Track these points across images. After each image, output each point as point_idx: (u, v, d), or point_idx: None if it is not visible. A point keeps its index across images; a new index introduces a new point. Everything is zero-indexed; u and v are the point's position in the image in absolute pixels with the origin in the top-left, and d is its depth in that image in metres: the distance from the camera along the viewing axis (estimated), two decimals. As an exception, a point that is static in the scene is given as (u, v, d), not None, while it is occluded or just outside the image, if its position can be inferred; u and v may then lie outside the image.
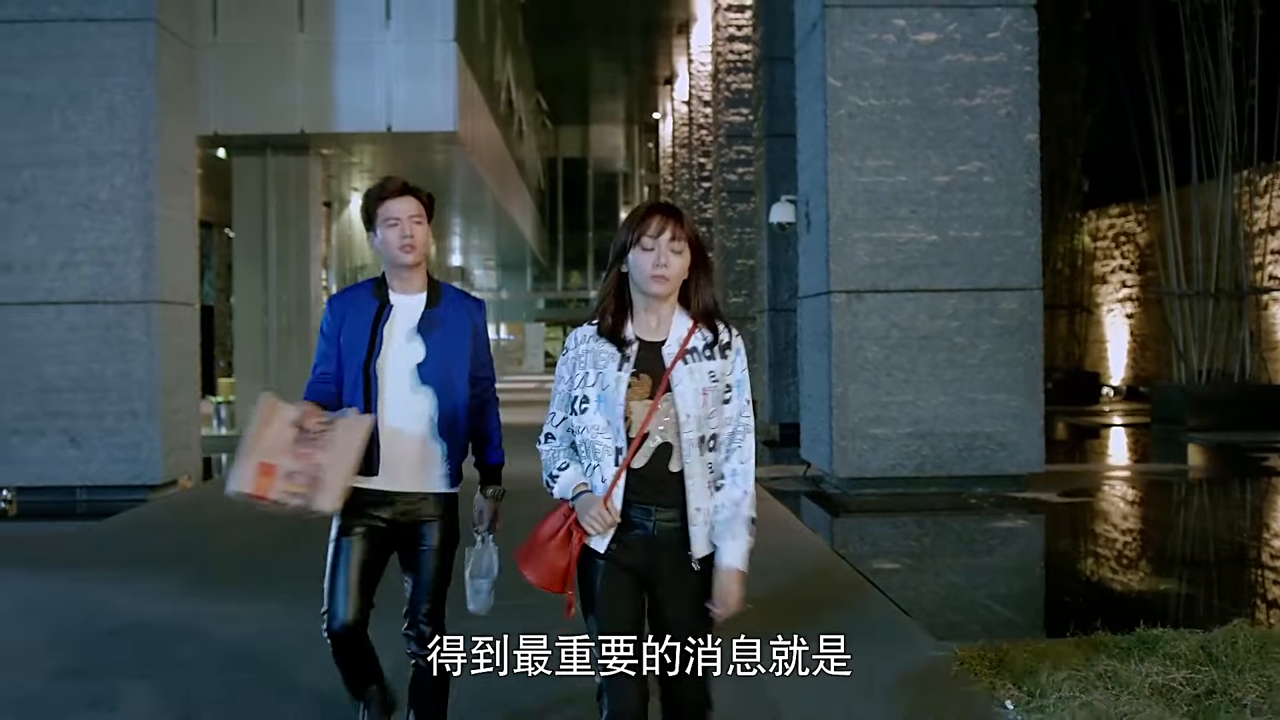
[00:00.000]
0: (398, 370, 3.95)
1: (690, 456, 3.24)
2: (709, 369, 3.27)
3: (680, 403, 3.23)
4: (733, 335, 3.36)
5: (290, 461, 3.75)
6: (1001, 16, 11.92)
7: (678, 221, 3.26)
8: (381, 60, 17.67)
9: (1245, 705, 4.53)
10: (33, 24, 11.97)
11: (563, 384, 3.39)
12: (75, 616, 6.94)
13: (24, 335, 11.97)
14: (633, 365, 3.27)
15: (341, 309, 4.04)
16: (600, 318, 3.35)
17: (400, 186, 4.02)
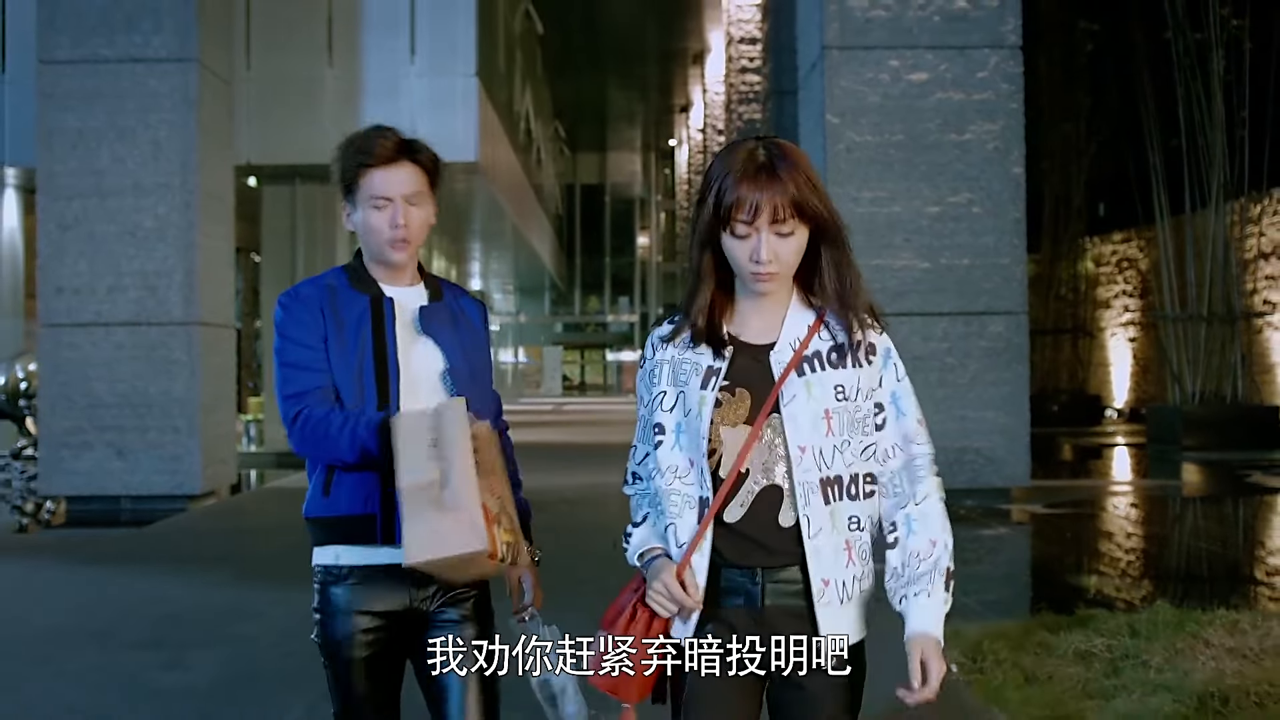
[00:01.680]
0: (422, 381, 2.83)
1: (810, 506, 2.27)
2: (836, 381, 2.32)
3: (791, 429, 2.28)
4: (878, 333, 2.40)
5: (493, 500, 2.64)
6: (989, 57, 12.70)
7: (781, 188, 2.24)
8: (406, 94, 18.52)
9: (1150, 665, 5.31)
10: (85, 65, 12.84)
11: (642, 407, 2.46)
12: (138, 603, 7.82)
13: (74, 354, 12.81)
14: (724, 378, 2.33)
15: (314, 303, 2.84)
16: (687, 314, 2.40)
17: (394, 149, 2.83)
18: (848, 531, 2.31)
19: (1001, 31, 12.63)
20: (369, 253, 2.91)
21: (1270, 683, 5.05)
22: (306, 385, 2.80)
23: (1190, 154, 19.99)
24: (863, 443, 2.34)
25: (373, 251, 2.90)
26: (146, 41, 12.85)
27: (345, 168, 2.86)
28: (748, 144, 2.33)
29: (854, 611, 2.32)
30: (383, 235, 2.84)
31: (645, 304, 61.69)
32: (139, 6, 12.82)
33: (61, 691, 5.75)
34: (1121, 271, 28.29)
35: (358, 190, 2.85)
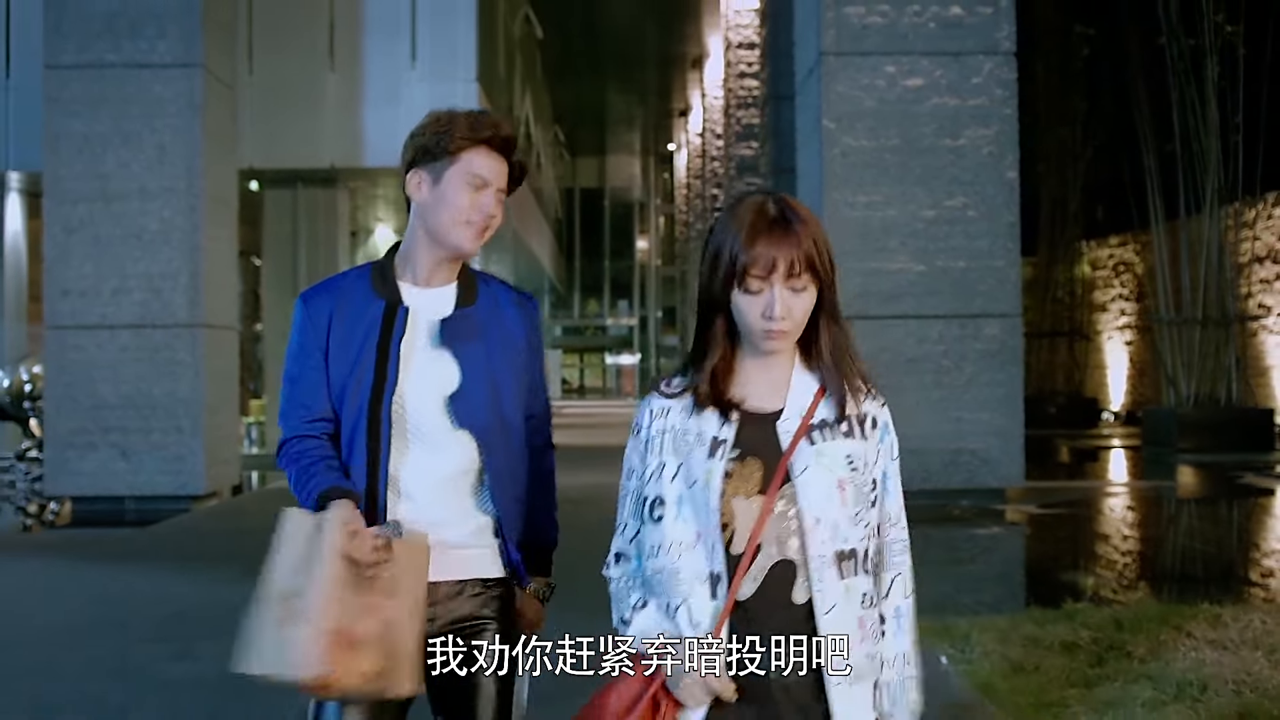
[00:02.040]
0: (421, 405, 2.61)
1: (824, 581, 2.17)
2: (847, 451, 2.23)
3: (806, 499, 2.17)
4: (877, 403, 2.31)
5: (359, 621, 2.39)
6: (984, 64, 12.86)
7: (796, 242, 2.18)
8: (407, 99, 18.69)
9: (1134, 656, 5.47)
10: (91, 70, 13.00)
11: (633, 479, 2.32)
12: (146, 599, 7.98)
13: (80, 356, 12.96)
14: (732, 446, 2.21)
15: (325, 309, 2.65)
16: (692, 377, 2.29)
17: (508, 139, 2.70)
18: (860, 608, 2.20)
19: (996, 38, 12.79)
20: (434, 230, 2.64)
21: (1248, 672, 5.22)
22: (294, 403, 2.65)
23: (1185, 159, 20.14)
24: (866, 516, 2.23)
25: (439, 230, 2.64)
26: (151, 47, 13.01)
27: (446, 134, 2.61)
28: (754, 199, 2.25)
29: (867, 691, 2.21)
30: (463, 214, 2.61)
31: (644, 307, 61.87)
32: (144, 13, 12.98)
33: (73, 682, 5.92)
34: (1118, 275, 28.47)
35: (452, 163, 2.61)
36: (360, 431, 2.58)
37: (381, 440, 2.57)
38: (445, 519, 2.61)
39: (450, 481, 2.62)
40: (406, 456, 2.60)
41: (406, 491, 2.60)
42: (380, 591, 2.42)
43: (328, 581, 2.36)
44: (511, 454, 2.69)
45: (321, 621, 2.33)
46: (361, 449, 2.59)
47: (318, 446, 2.63)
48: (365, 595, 2.40)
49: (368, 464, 2.58)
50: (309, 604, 2.34)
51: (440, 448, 2.61)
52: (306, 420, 2.64)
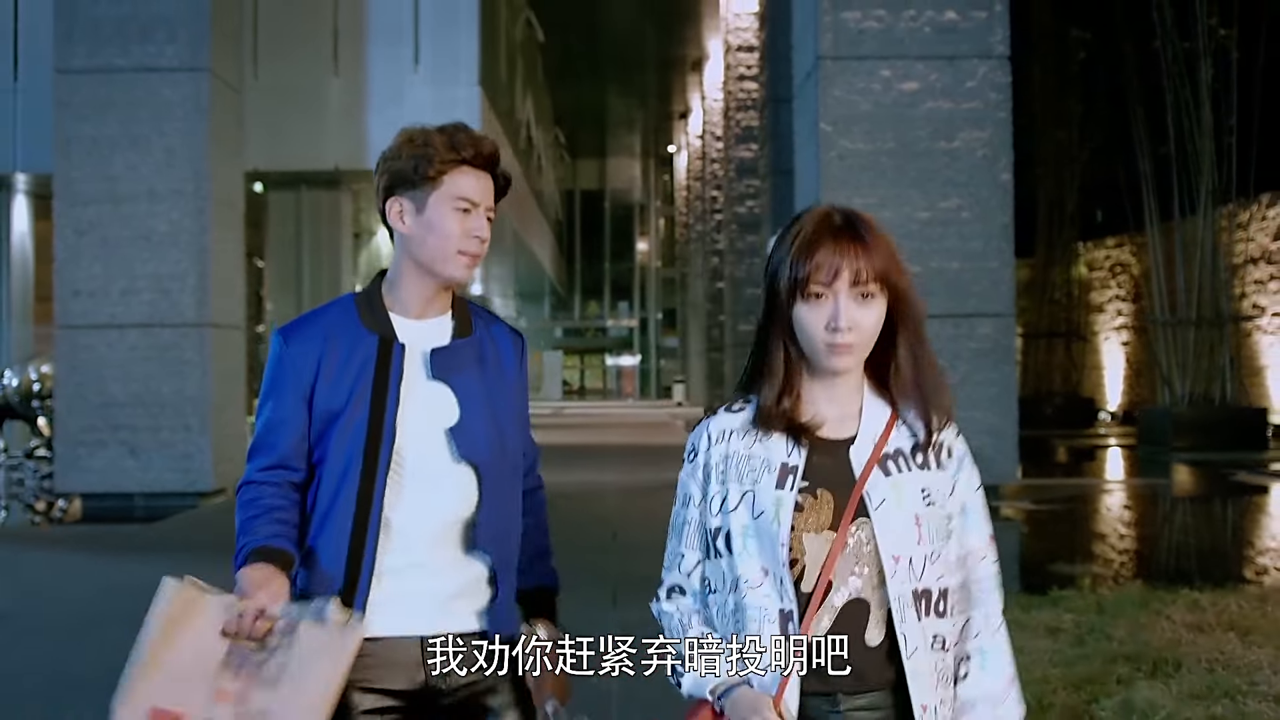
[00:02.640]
0: (420, 440, 2.45)
1: (906, 622, 2.03)
2: (923, 484, 2.08)
3: (883, 534, 2.04)
4: (952, 432, 2.17)
5: (211, 706, 2.14)
6: (978, 68, 13.08)
7: (863, 249, 2.05)
8: (410, 102, 18.91)
9: (1113, 638, 5.70)
10: (100, 74, 13.23)
11: (691, 508, 2.17)
12: None
13: (89, 355, 13.19)
14: (801, 477, 2.06)
15: (313, 349, 2.45)
16: (758, 398, 2.13)
17: (492, 154, 2.50)
18: (938, 650, 2.06)
19: (990, 42, 13.01)
20: (425, 262, 2.47)
21: (1221, 651, 5.46)
22: (260, 445, 2.48)
23: (1180, 161, 20.37)
24: (943, 553, 2.07)
25: (430, 261, 2.46)
26: (160, 51, 13.24)
27: (424, 158, 2.42)
28: (818, 208, 2.11)
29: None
30: (454, 243, 2.43)
31: (644, 309, 62.11)
32: (153, 18, 13.21)
33: (99, 661, 6.12)
34: (1114, 276, 28.69)
35: (435, 187, 2.43)
36: (352, 474, 2.39)
37: (377, 482, 2.38)
38: (441, 565, 2.42)
39: (448, 522, 2.43)
40: (401, 498, 2.40)
41: (400, 535, 2.40)
42: (258, 680, 2.14)
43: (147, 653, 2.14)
44: (510, 492, 2.52)
45: (130, 696, 2.12)
46: (351, 492, 2.38)
47: (271, 495, 2.44)
48: (233, 680, 2.13)
49: (357, 507, 2.38)
50: (129, 675, 2.14)
51: (438, 485, 2.43)
52: (267, 466, 2.45)
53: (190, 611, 2.17)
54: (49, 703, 5.53)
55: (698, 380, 39.98)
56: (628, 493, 13.42)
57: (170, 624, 2.15)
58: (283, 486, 2.45)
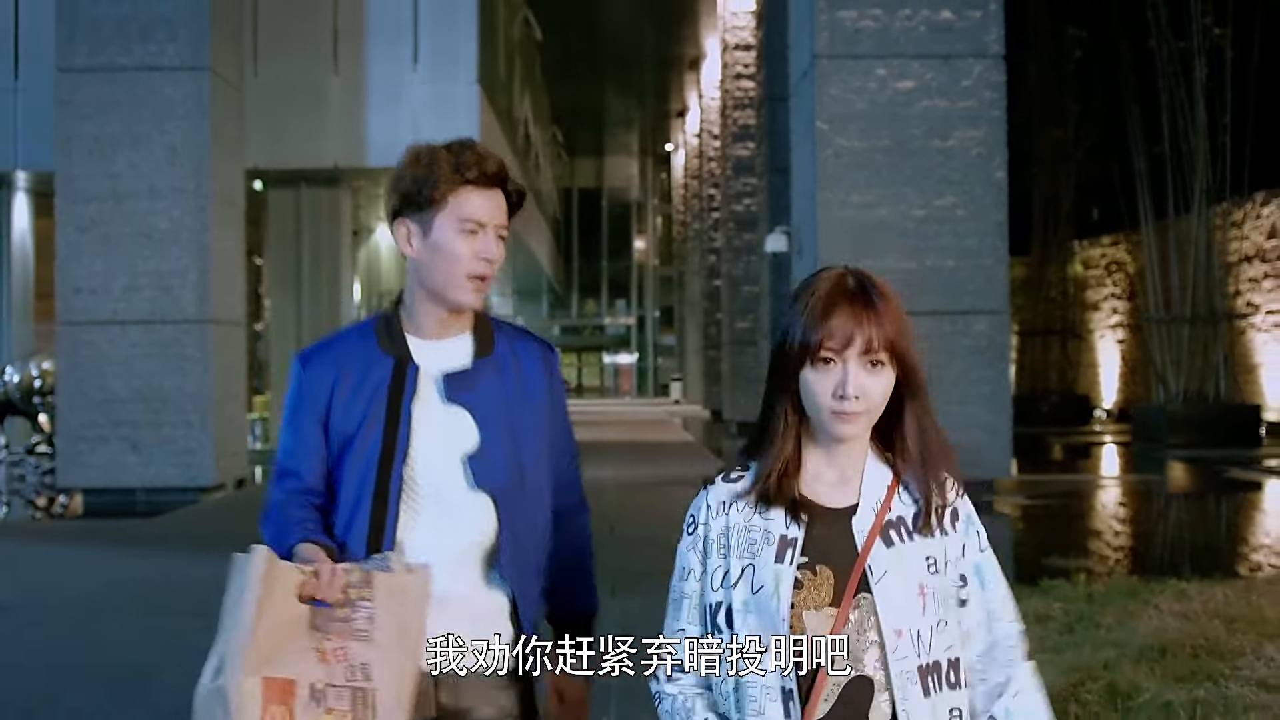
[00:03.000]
0: (436, 466, 2.39)
1: (908, 699, 1.96)
2: (926, 553, 2.03)
3: (885, 609, 1.98)
4: (959, 495, 2.10)
5: (316, 668, 2.18)
6: (973, 67, 13.19)
7: (876, 318, 2.01)
8: (409, 101, 19.03)
9: (1101, 626, 5.82)
10: (102, 73, 13.34)
11: (691, 581, 2.11)
12: (169, 577, 8.42)
13: (91, 352, 13.31)
14: (800, 551, 2.01)
15: (328, 373, 2.43)
16: (758, 467, 2.08)
17: (499, 171, 2.42)
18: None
19: (985, 41, 13.12)
20: (433, 287, 2.40)
21: (1205, 637, 5.58)
22: (284, 471, 2.46)
23: (1174, 159, 20.49)
24: (951, 621, 2.01)
25: (438, 286, 2.40)
26: (161, 50, 13.36)
27: (428, 180, 2.35)
28: (831, 271, 2.07)
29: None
30: (464, 266, 2.36)
31: (642, 307, 62.25)
32: (154, 17, 13.33)
33: (109, 650, 6.31)
34: (1110, 274, 28.82)
35: (440, 208, 2.36)
36: (365, 498, 2.34)
37: (389, 507, 2.33)
38: (458, 594, 2.33)
39: (464, 552, 2.36)
40: (417, 524, 2.35)
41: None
42: (352, 634, 2.16)
43: (246, 627, 2.12)
44: (532, 519, 2.43)
45: (239, 673, 2.10)
46: (364, 518, 2.34)
47: (300, 509, 2.42)
48: (326, 639, 2.16)
49: (370, 535, 2.33)
50: (230, 652, 2.13)
51: (455, 512, 2.36)
52: (295, 490, 2.43)
53: (272, 580, 2.16)
54: (50, 692, 5.65)
55: (695, 378, 40.11)
56: (625, 488, 13.53)
57: (262, 595, 2.14)
58: (308, 508, 2.42)
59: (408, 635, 2.19)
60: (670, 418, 33.35)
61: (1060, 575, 7.49)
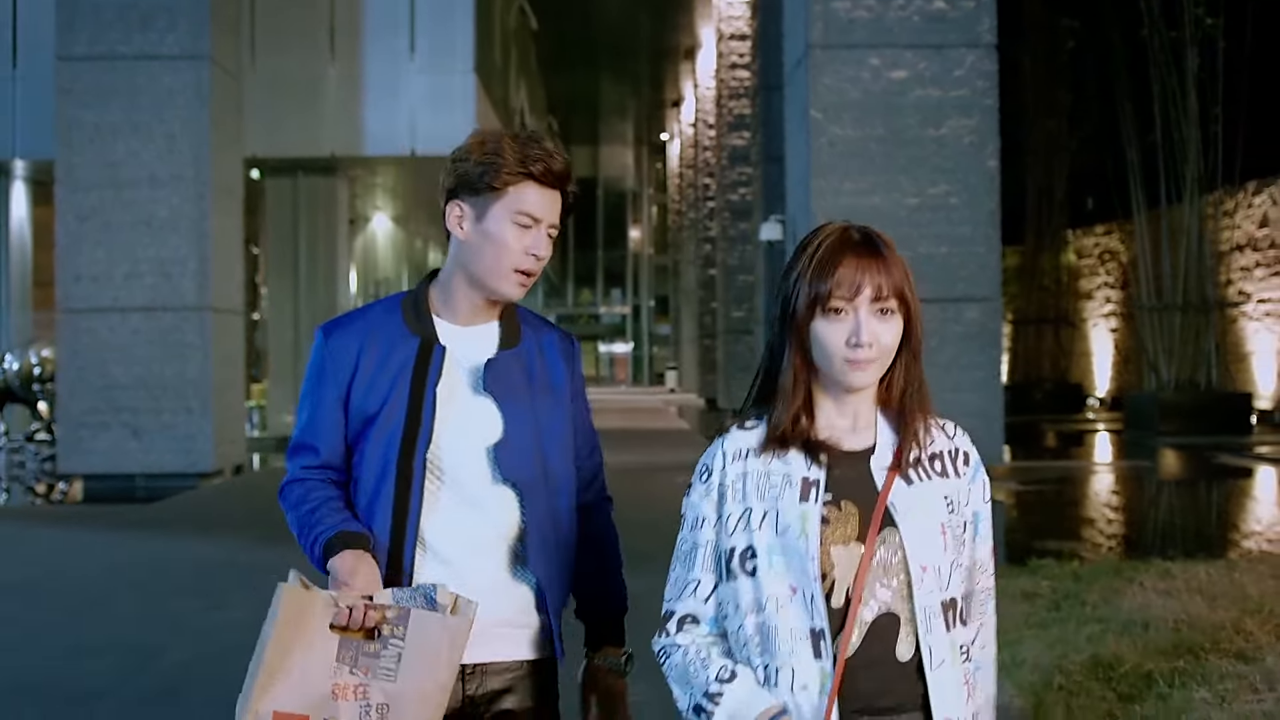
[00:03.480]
0: (461, 454, 2.36)
1: (933, 634, 2.00)
2: (944, 492, 2.06)
3: (912, 545, 2.00)
4: (967, 439, 2.15)
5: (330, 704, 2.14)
6: (965, 56, 13.31)
7: (884, 267, 2.03)
8: (406, 90, 19.13)
9: (1087, 603, 5.97)
10: (102, 61, 13.45)
11: (705, 529, 2.08)
12: (172, 559, 8.64)
13: (92, 339, 13.43)
14: (824, 489, 2.02)
15: (352, 346, 2.40)
16: (773, 413, 2.07)
17: (565, 171, 2.41)
18: (959, 661, 2.02)
19: (977, 31, 13.23)
20: (477, 274, 2.38)
21: (1187, 612, 5.74)
22: (302, 445, 2.41)
23: (1166, 148, 20.61)
24: (962, 561, 2.05)
25: (483, 273, 2.37)
26: (161, 39, 13.47)
27: (492, 167, 2.34)
28: (834, 225, 2.07)
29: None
30: (511, 258, 2.34)
31: (637, 296, 62.36)
32: (154, 6, 13.44)
33: (115, 628, 6.47)
34: (1103, 263, 28.96)
35: (498, 197, 2.34)
36: (388, 482, 2.31)
37: (413, 492, 2.30)
38: (483, 587, 2.27)
39: (489, 544, 2.34)
40: (438, 513, 2.32)
41: (438, 553, 2.31)
42: (377, 673, 2.12)
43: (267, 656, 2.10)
44: (557, 513, 2.40)
45: (251, 703, 2.10)
46: (388, 502, 2.31)
47: (321, 487, 2.38)
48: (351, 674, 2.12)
49: (394, 519, 2.30)
50: (247, 683, 2.12)
51: (478, 504, 2.33)
52: (313, 465, 2.39)
53: (302, 611, 2.12)
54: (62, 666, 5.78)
55: (690, 367, 40.24)
56: (621, 473, 13.61)
57: (285, 626, 2.10)
58: (328, 484, 2.39)
59: (435, 678, 2.14)
60: (666, 406, 33.49)
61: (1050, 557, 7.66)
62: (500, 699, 2.34)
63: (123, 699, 5.29)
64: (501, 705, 2.34)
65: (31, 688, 5.47)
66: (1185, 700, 4.59)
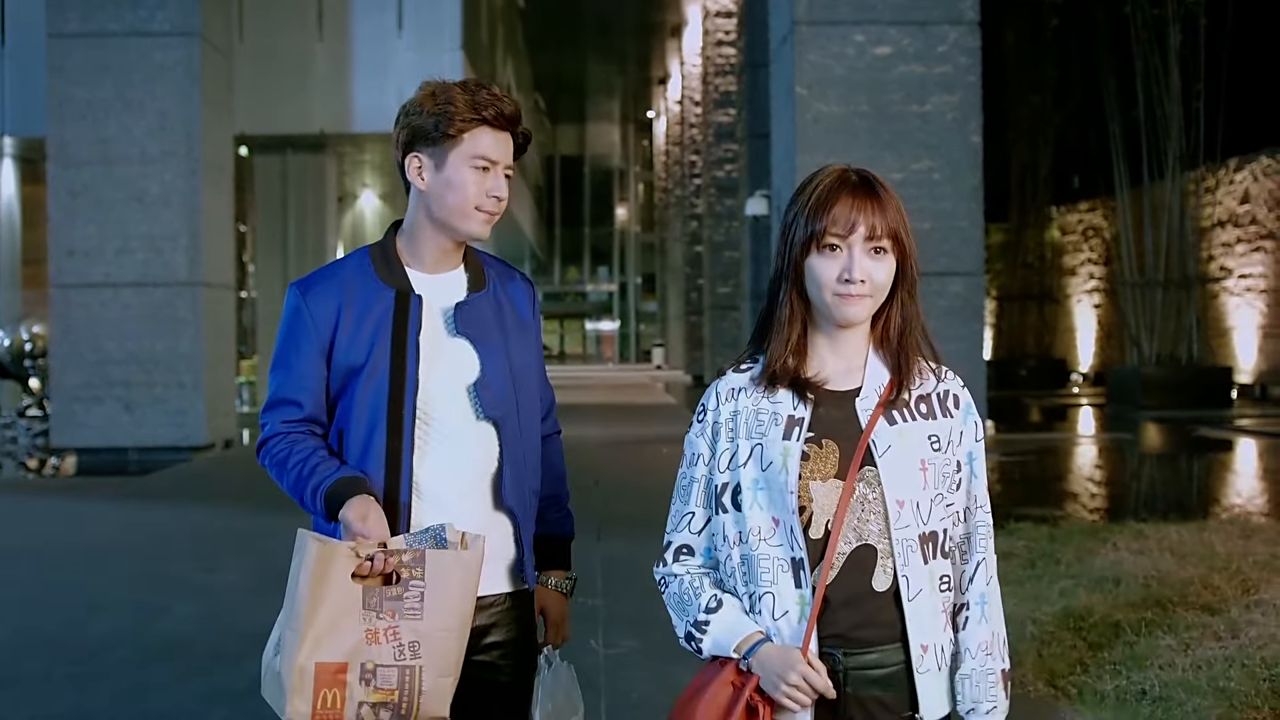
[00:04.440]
0: (444, 397, 2.46)
1: (909, 565, 2.08)
2: (928, 432, 2.12)
3: (889, 480, 2.08)
4: (958, 383, 2.22)
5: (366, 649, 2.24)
6: (949, 33, 13.46)
7: (879, 207, 2.11)
8: (394, 67, 19.22)
9: (1061, 561, 6.17)
10: (93, 38, 13.54)
11: (700, 465, 2.20)
12: (170, 527, 8.85)
13: (85, 314, 13.56)
14: (808, 428, 2.11)
15: (332, 301, 2.46)
16: (767, 355, 2.16)
17: (514, 114, 2.50)
18: (937, 592, 2.10)
19: (960, 8, 13.37)
20: (443, 219, 2.47)
21: (1157, 569, 5.94)
22: (281, 399, 2.47)
23: (1149, 126, 20.79)
24: (949, 498, 2.11)
25: (448, 217, 2.46)
26: (151, 16, 13.56)
27: (444, 116, 2.42)
28: (833, 167, 2.15)
29: (946, 683, 2.12)
30: (472, 201, 2.43)
31: (624, 274, 62.50)
32: (145, -18, 13.53)
33: (119, 589, 6.68)
34: (1087, 240, 29.16)
35: (454, 145, 2.42)
36: (378, 432, 2.39)
37: (404, 438, 2.39)
38: (472, 526, 2.37)
39: (472, 483, 2.45)
40: (427, 455, 2.42)
41: (429, 494, 2.42)
42: (404, 614, 2.23)
43: (303, 613, 2.19)
44: (527, 446, 2.53)
45: (295, 659, 2.19)
46: (380, 451, 2.39)
47: (305, 439, 2.45)
48: (379, 619, 2.23)
49: (387, 465, 2.39)
50: (285, 636, 2.22)
51: (461, 442, 2.44)
52: (295, 419, 2.45)
53: (329, 564, 2.20)
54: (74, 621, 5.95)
55: (676, 343, 40.41)
56: (608, 445, 13.87)
57: (316, 580, 2.19)
58: (310, 436, 2.46)
59: (457, 609, 2.25)
60: (652, 382, 33.68)
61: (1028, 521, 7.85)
62: (488, 633, 2.45)
63: (131, 651, 5.48)
64: (490, 639, 2.45)
65: (45, 642, 5.66)
66: (1151, 647, 4.79)
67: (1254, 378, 22.13)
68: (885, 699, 2.07)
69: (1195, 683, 4.35)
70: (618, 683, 4.79)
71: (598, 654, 5.13)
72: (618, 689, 4.71)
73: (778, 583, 2.07)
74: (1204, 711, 4.11)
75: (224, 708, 4.69)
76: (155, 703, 4.76)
